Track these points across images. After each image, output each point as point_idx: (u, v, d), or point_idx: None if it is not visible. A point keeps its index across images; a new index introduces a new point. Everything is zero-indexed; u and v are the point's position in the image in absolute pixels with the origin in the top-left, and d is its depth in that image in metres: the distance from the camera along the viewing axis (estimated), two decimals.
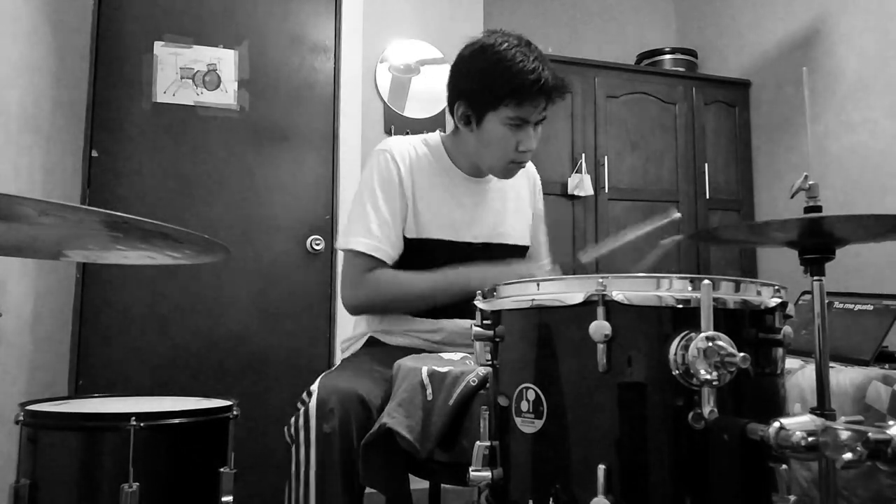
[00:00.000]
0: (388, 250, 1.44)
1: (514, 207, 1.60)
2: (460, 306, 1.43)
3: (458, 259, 1.45)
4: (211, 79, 2.56)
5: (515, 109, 1.38)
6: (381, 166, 1.47)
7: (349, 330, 1.61)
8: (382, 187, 1.46)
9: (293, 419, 1.22)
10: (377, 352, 1.47)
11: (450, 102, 1.48)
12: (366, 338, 1.54)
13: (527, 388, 0.86)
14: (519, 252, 1.60)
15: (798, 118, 2.97)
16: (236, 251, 2.46)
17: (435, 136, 1.57)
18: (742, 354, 0.74)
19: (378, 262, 1.43)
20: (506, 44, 1.38)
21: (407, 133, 1.68)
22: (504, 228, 1.56)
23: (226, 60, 2.58)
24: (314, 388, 1.23)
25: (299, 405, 1.23)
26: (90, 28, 2.44)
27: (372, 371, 1.34)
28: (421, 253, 1.46)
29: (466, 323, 1.49)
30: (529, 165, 1.68)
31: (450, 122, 1.55)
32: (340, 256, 2.48)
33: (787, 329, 0.86)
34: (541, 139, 1.47)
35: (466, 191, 1.53)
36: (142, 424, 1.07)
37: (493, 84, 1.37)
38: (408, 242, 1.47)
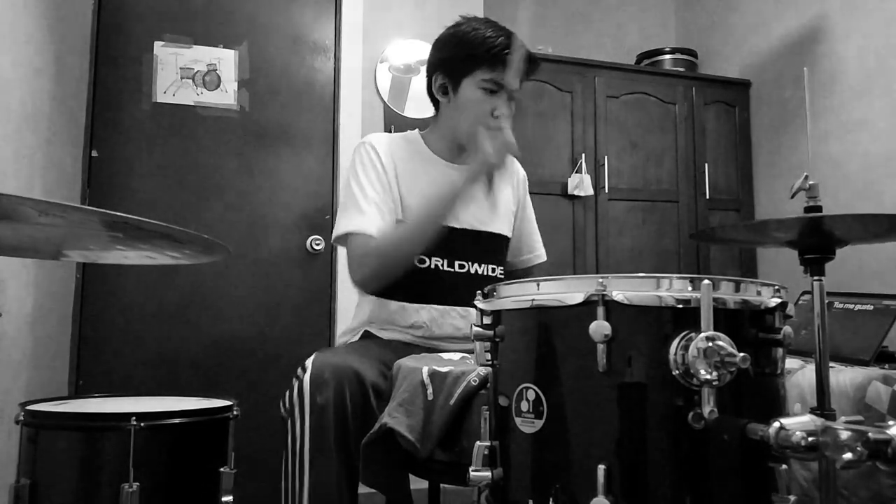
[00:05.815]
0: (381, 225, 1.43)
1: (496, 198, 1.61)
2: (451, 294, 1.47)
3: (443, 244, 1.46)
4: (211, 79, 2.56)
5: (489, 72, 1.45)
6: (362, 157, 1.52)
7: (348, 325, 1.62)
8: (366, 174, 1.49)
9: (287, 393, 1.23)
10: (373, 341, 1.50)
11: (428, 80, 1.56)
12: (361, 332, 1.55)
13: (527, 388, 0.86)
14: (500, 241, 1.61)
15: (798, 118, 2.97)
16: (236, 251, 2.46)
17: (413, 132, 1.63)
18: (742, 354, 0.74)
19: (374, 238, 1.42)
20: (476, 21, 1.50)
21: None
22: (484, 216, 1.58)
23: (226, 60, 2.58)
24: (308, 363, 1.24)
25: (294, 380, 1.24)
26: (90, 28, 2.44)
27: (367, 351, 1.35)
28: None
29: (457, 312, 1.50)
30: (513, 161, 1.70)
31: None
32: (341, 255, 2.50)
33: (787, 329, 0.86)
34: (542, 139, 1.49)
35: (447, 178, 1.54)
36: (142, 424, 1.07)
37: (468, 49, 1.46)
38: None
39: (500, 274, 1.59)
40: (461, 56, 1.47)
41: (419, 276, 1.46)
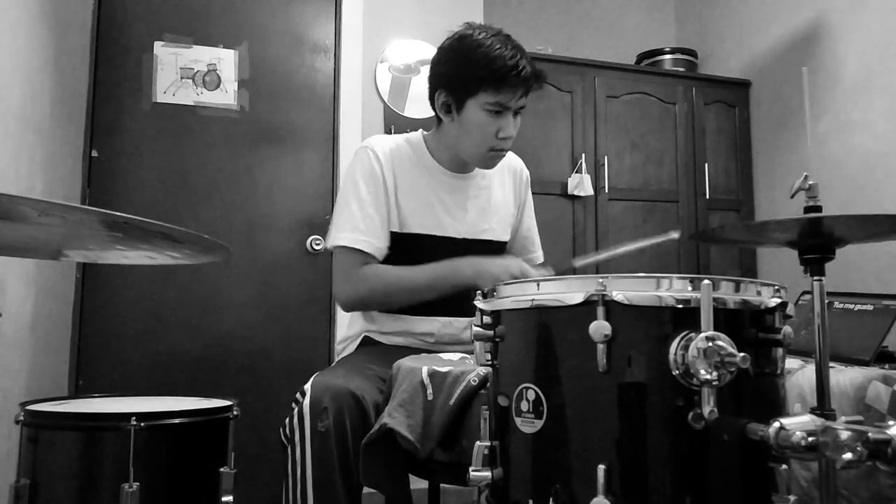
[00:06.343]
0: (376, 243, 1.44)
1: (497, 204, 1.60)
2: (455, 304, 1.44)
3: (442, 254, 1.45)
4: (211, 79, 2.56)
5: (494, 95, 1.40)
6: (363, 162, 1.49)
7: (346, 330, 1.61)
8: (366, 183, 1.47)
9: (287, 420, 1.22)
10: (372, 351, 1.48)
11: (430, 93, 1.51)
12: (361, 337, 1.54)
13: (527, 388, 0.86)
14: (498, 248, 1.60)
15: (798, 118, 2.97)
16: (236, 251, 2.47)
17: (416, 135, 1.59)
18: (742, 354, 0.74)
19: (367, 256, 1.44)
20: (484, 34, 1.42)
21: (407, 131, 1.68)
22: (486, 225, 1.57)
23: (226, 60, 2.58)
24: (307, 387, 1.23)
25: (293, 405, 1.23)
26: (90, 28, 2.44)
27: (365, 369, 1.34)
28: (405, 247, 1.47)
29: (461, 322, 1.50)
30: (516, 159, 1.69)
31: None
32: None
33: (787, 329, 0.86)
34: (542, 139, 1.48)
35: (448, 186, 1.54)
36: (142, 424, 1.07)
37: (473, 70, 1.40)
38: (392, 236, 1.48)
39: None
40: (465, 76, 1.41)
41: None
